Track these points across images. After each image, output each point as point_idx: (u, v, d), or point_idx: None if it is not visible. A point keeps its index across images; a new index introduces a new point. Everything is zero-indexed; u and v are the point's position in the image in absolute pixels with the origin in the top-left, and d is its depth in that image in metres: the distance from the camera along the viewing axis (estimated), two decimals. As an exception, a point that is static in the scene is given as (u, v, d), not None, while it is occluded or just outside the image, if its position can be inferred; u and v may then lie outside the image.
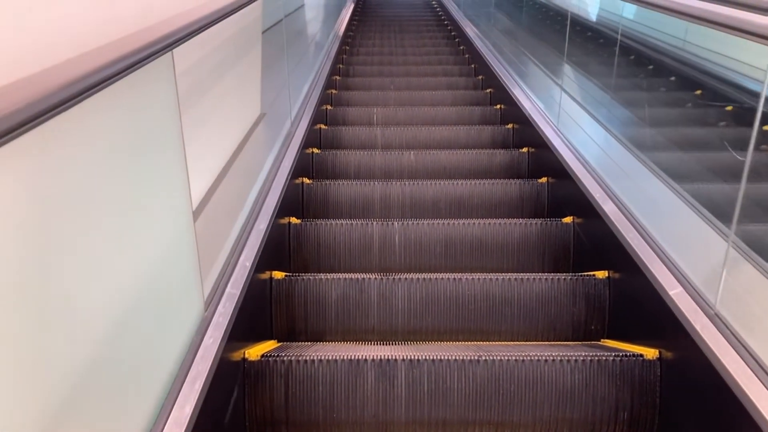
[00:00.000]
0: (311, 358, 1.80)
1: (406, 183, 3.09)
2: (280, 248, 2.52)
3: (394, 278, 2.25)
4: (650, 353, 1.76)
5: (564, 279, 2.24)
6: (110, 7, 1.22)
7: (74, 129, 0.96)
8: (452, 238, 2.62)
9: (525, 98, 3.86)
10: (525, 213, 3.06)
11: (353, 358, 1.80)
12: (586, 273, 2.25)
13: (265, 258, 2.11)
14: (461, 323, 2.22)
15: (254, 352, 1.81)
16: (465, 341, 2.21)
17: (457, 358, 1.80)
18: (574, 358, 1.79)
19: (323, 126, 4.02)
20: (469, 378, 1.78)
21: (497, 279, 2.24)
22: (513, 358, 1.80)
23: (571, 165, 2.71)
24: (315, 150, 3.53)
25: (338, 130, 4.00)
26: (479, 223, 2.64)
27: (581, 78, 3.31)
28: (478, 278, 2.24)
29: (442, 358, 1.80)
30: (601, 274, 2.21)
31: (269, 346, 1.98)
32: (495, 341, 2.21)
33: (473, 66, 5.74)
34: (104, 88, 0.98)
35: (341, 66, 5.73)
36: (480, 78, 5.29)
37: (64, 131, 0.92)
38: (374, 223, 2.64)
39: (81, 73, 0.91)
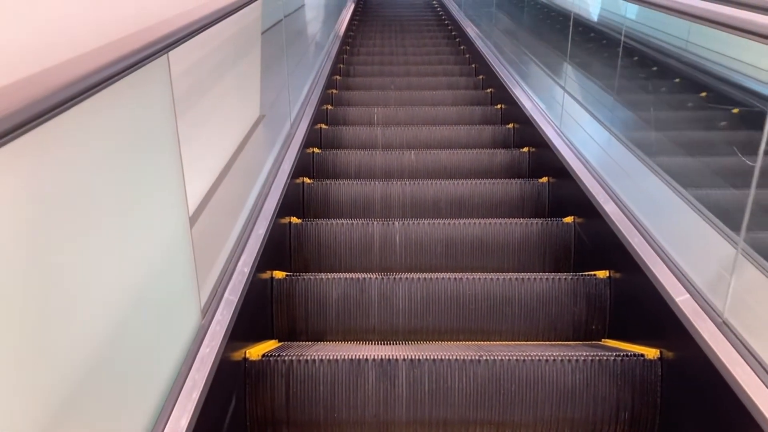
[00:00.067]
0: (312, 358, 1.80)
1: (407, 183, 3.09)
2: (281, 248, 2.52)
3: (395, 278, 2.25)
4: (651, 353, 1.76)
5: (565, 279, 2.23)
6: (106, 8, 1.19)
7: (62, 136, 0.93)
8: (453, 238, 2.62)
9: (526, 98, 3.86)
10: (526, 213, 3.06)
11: (354, 358, 1.80)
12: (587, 273, 2.25)
13: (265, 260, 2.10)
14: (462, 323, 2.22)
15: (255, 352, 1.81)
16: (466, 341, 2.21)
17: (458, 358, 1.80)
18: (575, 358, 1.79)
19: (324, 126, 4.02)
20: (470, 378, 1.78)
21: (498, 279, 2.24)
22: (514, 358, 1.80)
23: (572, 165, 2.71)
24: (316, 150, 3.53)
25: (339, 130, 4.00)
26: (480, 223, 2.64)
27: (584, 79, 3.30)
28: (479, 278, 2.24)
29: (443, 358, 1.80)
30: (602, 274, 2.21)
31: (270, 346, 1.98)
32: (496, 341, 2.21)
33: (474, 66, 5.73)
34: (94, 94, 0.95)
35: (342, 66, 5.73)
36: (481, 78, 5.28)
37: (52, 138, 0.89)
38: (375, 223, 2.64)
39: (68, 79, 0.88)
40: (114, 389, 1.11)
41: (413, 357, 1.80)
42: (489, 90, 4.87)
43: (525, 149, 3.54)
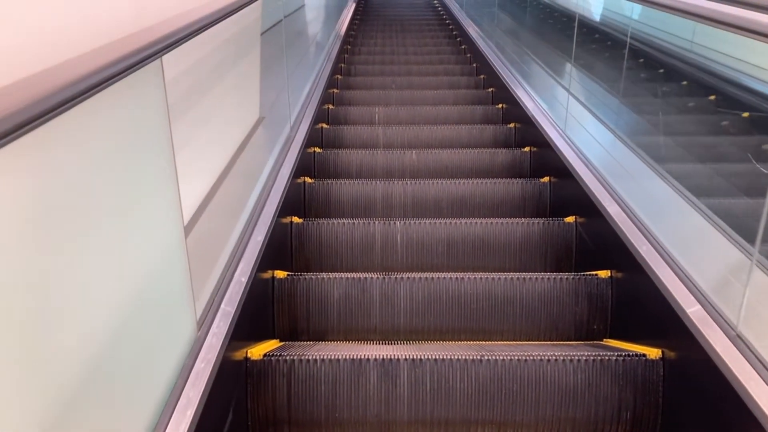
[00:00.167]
0: (314, 358, 1.80)
1: (408, 182, 3.09)
2: (282, 248, 2.52)
3: (397, 277, 2.25)
4: (653, 353, 1.76)
5: (566, 278, 2.23)
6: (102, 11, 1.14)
7: (52, 143, 0.88)
8: (454, 238, 2.62)
9: (528, 98, 3.85)
10: (527, 212, 3.06)
11: (356, 358, 1.80)
12: (589, 273, 2.25)
13: (265, 262, 2.08)
14: (463, 323, 2.22)
15: (257, 352, 1.81)
16: (467, 341, 2.21)
17: (460, 358, 1.79)
18: (577, 358, 1.79)
19: (325, 125, 4.02)
20: (472, 377, 1.78)
21: (499, 278, 2.24)
22: (515, 358, 1.80)
23: (574, 165, 2.71)
24: (317, 149, 3.52)
25: (340, 129, 4.00)
26: (481, 223, 2.64)
27: (589, 81, 3.28)
28: (481, 278, 2.24)
29: (445, 358, 1.80)
30: (604, 274, 2.21)
31: (271, 346, 1.98)
32: (497, 341, 2.21)
33: (475, 65, 5.73)
34: (79, 103, 0.90)
35: (343, 65, 5.72)
36: (482, 77, 5.28)
37: (40, 145, 0.85)
38: (376, 223, 2.64)
39: (56, 86, 0.84)
40: (102, 409, 1.06)
41: (415, 357, 1.80)
42: (490, 89, 4.87)
43: (526, 149, 3.54)
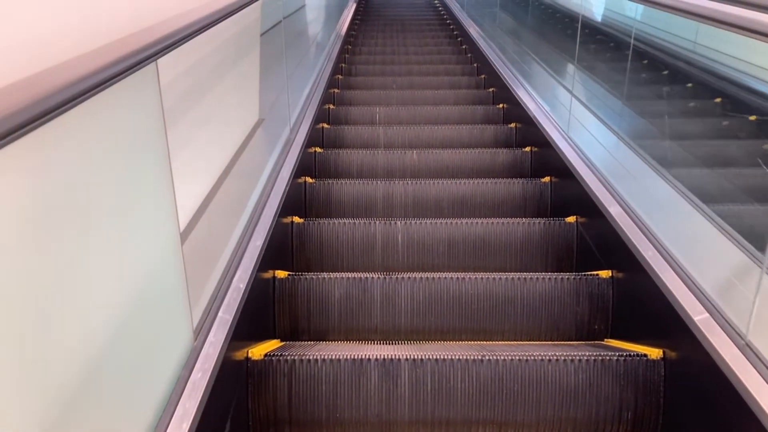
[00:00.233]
0: (314, 358, 1.80)
1: (409, 182, 3.09)
2: (283, 248, 2.52)
3: (397, 277, 2.24)
4: (654, 353, 1.76)
5: (567, 278, 2.23)
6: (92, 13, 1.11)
7: (41, 149, 0.86)
8: (455, 238, 2.62)
9: (529, 98, 3.85)
10: (528, 212, 3.06)
11: (356, 358, 1.80)
12: (590, 273, 2.25)
13: (265, 263, 2.07)
14: (464, 323, 2.22)
15: (257, 352, 1.81)
16: (468, 341, 2.21)
17: (461, 358, 1.79)
18: (578, 358, 1.79)
19: (326, 125, 4.02)
20: (473, 377, 1.78)
21: (500, 278, 2.24)
22: (516, 358, 1.79)
23: (575, 165, 2.71)
24: (317, 149, 3.52)
25: (341, 129, 4.00)
26: (482, 223, 2.64)
27: (591, 82, 3.27)
28: (482, 277, 2.24)
29: (446, 358, 1.79)
30: (605, 274, 2.21)
31: (272, 345, 1.98)
32: (498, 341, 2.21)
33: (476, 65, 5.73)
34: (69, 110, 0.86)
35: (344, 65, 5.72)
36: (483, 77, 5.28)
37: (21, 154, 0.81)
38: (377, 223, 2.64)
39: (43, 92, 0.81)
40: (92, 426, 1.02)
41: (416, 357, 1.80)
42: (491, 89, 4.87)
43: (527, 149, 3.53)
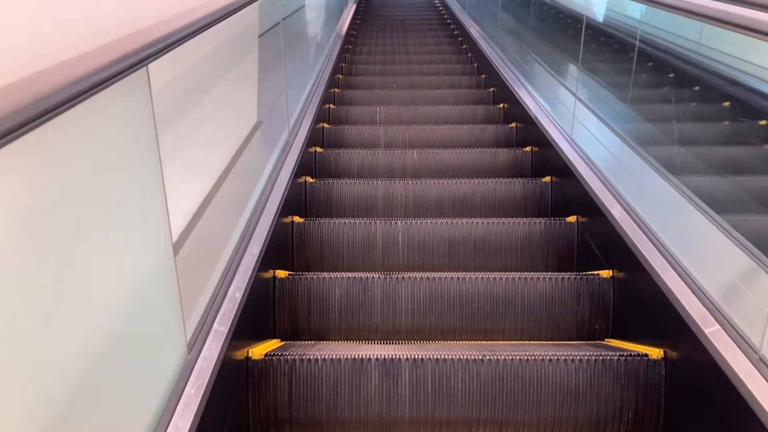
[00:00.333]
0: (315, 357, 1.80)
1: (410, 182, 3.09)
2: (283, 247, 2.52)
3: (398, 277, 2.24)
4: (655, 353, 1.76)
5: (568, 278, 2.23)
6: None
7: (25, 158, 0.82)
8: (456, 237, 2.62)
9: (529, 98, 3.85)
10: (529, 212, 3.05)
11: (357, 358, 1.80)
12: (591, 272, 2.24)
13: (266, 263, 2.06)
14: (465, 322, 2.22)
15: (258, 351, 1.81)
16: (469, 340, 2.21)
17: (461, 358, 1.79)
18: (579, 358, 1.79)
19: (326, 125, 4.02)
20: (473, 377, 1.78)
21: (501, 278, 2.23)
22: (517, 358, 1.79)
23: (576, 164, 2.70)
24: (318, 149, 3.52)
25: (341, 129, 4.00)
26: (483, 222, 2.64)
27: (594, 84, 3.25)
28: (482, 277, 2.24)
29: (446, 358, 1.79)
30: (606, 274, 2.21)
31: (272, 345, 1.98)
32: (499, 340, 2.21)
33: (476, 65, 5.73)
34: (48, 120, 0.82)
35: (344, 65, 5.72)
36: (483, 77, 5.28)
37: (16, 158, 0.79)
38: (377, 222, 2.64)
39: (25, 99, 0.77)
40: None
41: (416, 356, 1.80)
42: (492, 89, 4.87)
43: (528, 148, 3.53)
